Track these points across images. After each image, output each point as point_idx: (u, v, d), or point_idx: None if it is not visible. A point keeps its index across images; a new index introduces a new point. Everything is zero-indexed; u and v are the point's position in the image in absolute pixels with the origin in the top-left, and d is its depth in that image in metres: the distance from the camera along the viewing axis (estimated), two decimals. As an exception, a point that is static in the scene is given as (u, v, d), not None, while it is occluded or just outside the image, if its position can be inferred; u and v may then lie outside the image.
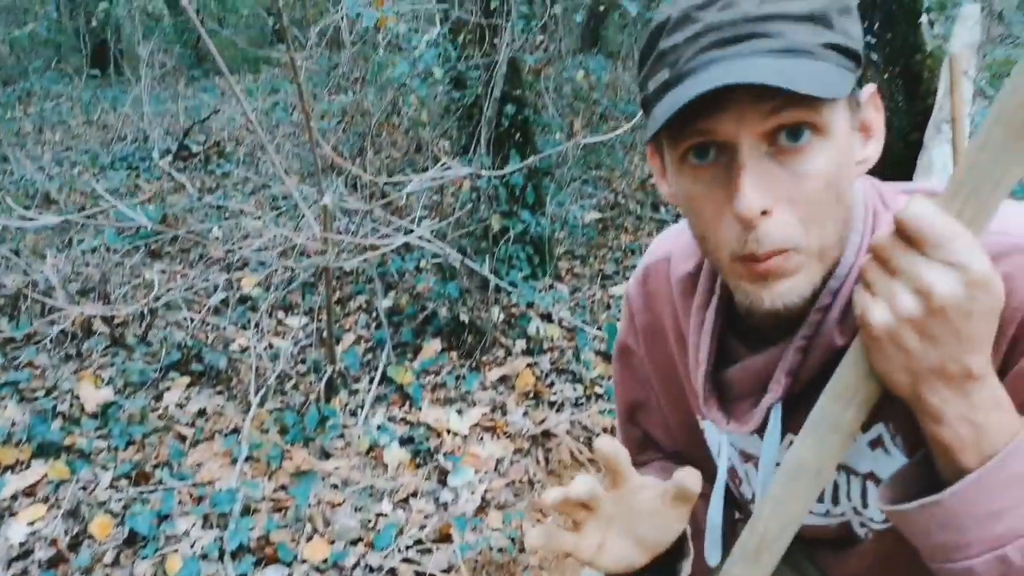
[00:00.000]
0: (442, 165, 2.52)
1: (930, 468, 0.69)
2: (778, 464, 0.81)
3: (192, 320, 3.25)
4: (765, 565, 0.74)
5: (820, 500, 0.86)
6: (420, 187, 2.50)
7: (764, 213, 0.66)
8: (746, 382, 0.82)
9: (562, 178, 4.65)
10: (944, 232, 0.59)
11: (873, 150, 0.75)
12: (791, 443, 0.76)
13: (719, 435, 0.94)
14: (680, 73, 0.68)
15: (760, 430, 0.82)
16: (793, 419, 0.78)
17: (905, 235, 0.60)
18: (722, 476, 0.92)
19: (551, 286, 3.83)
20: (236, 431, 2.71)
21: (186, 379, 3.04)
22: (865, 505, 0.83)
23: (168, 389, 2.99)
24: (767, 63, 0.64)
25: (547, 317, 3.52)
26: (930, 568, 0.68)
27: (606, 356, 3.21)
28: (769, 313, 0.71)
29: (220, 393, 2.99)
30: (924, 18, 4.09)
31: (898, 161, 4.00)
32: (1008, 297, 0.63)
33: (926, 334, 0.60)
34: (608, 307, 3.74)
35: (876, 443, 0.78)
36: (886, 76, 4.06)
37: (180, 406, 2.90)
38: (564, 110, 4.92)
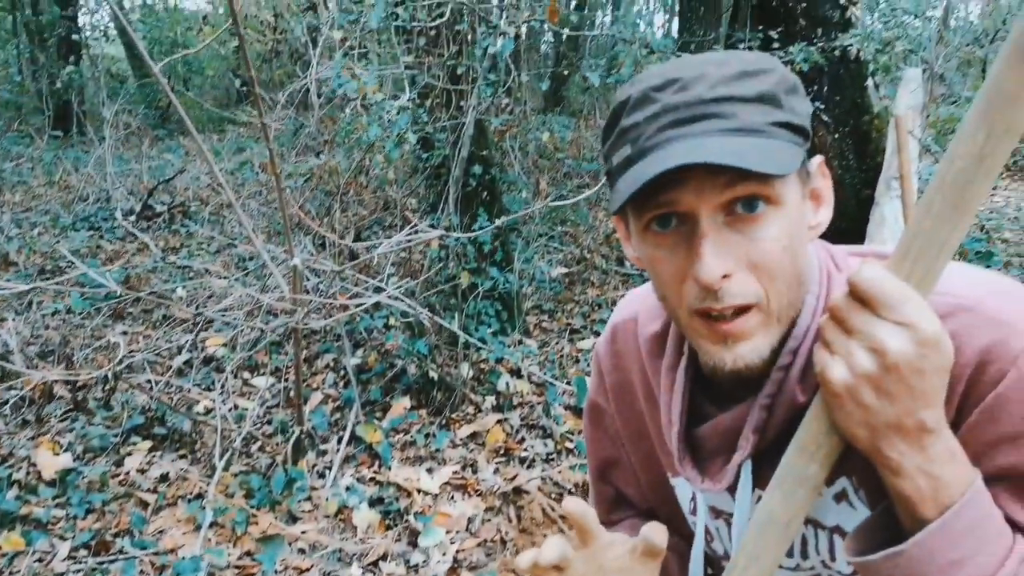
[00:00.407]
0: (412, 227, 2.55)
1: (893, 519, 0.72)
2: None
3: (155, 382, 3.19)
4: (741, 619, 0.75)
5: (790, 555, 0.88)
6: (390, 249, 2.53)
7: (725, 277, 0.70)
8: (717, 440, 0.85)
9: (529, 234, 4.71)
10: (894, 294, 0.63)
11: (824, 216, 0.80)
12: (759, 498, 0.78)
13: (690, 492, 0.96)
14: (641, 150, 0.73)
15: (731, 487, 0.84)
16: (762, 475, 0.81)
17: (859, 297, 0.64)
18: (700, 534, 0.93)
19: (520, 341, 3.85)
20: (200, 496, 2.65)
21: (148, 443, 2.97)
22: (833, 558, 0.85)
23: (130, 454, 2.91)
24: (721, 142, 0.69)
25: (516, 372, 3.52)
26: None
27: (576, 410, 3.22)
28: (733, 373, 0.74)
29: (184, 457, 2.93)
30: (870, 81, 4.30)
31: (852, 216, 4.15)
32: (957, 354, 0.67)
33: (882, 390, 0.63)
34: (577, 361, 3.77)
35: (841, 496, 0.81)
36: (837, 136, 4.24)
37: (142, 471, 2.83)
38: (530, 169, 5.02)
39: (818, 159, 0.79)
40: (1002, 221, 5.94)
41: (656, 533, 0.76)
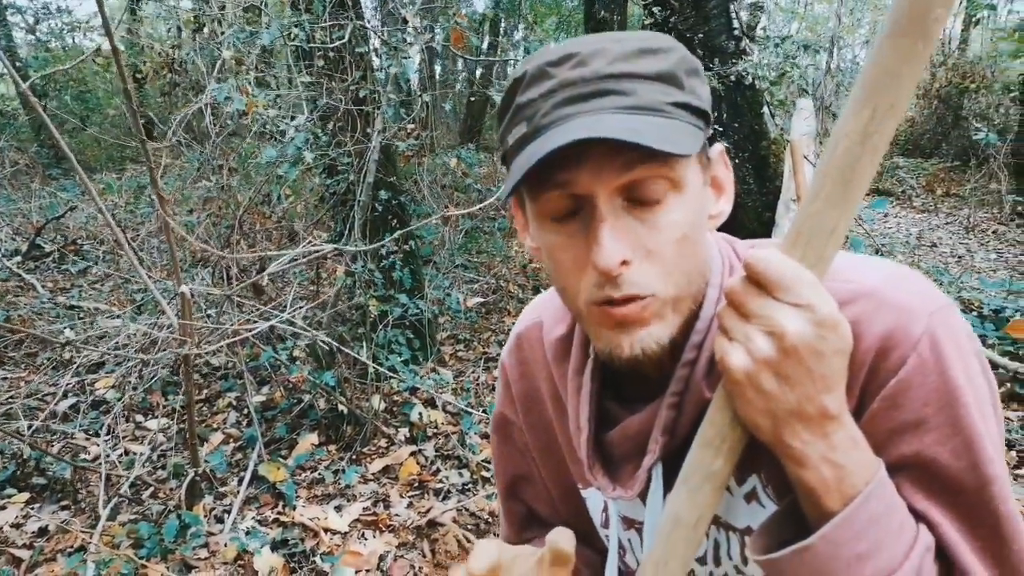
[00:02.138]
0: (306, 243, 2.45)
1: (798, 515, 0.68)
2: None
3: (32, 427, 2.93)
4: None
5: (703, 561, 0.84)
6: (282, 267, 2.41)
7: (623, 263, 0.66)
8: (626, 444, 0.79)
9: (442, 262, 4.65)
10: (788, 274, 0.60)
11: (724, 206, 0.77)
12: None
13: (602, 503, 0.90)
14: (537, 127, 0.68)
15: (643, 493, 0.79)
16: (673, 478, 0.76)
17: (754, 279, 0.61)
18: (614, 546, 0.88)
19: (434, 370, 3.76)
20: (82, 549, 2.42)
21: (25, 495, 2.72)
22: (746, 563, 0.80)
23: (3, 508, 2.65)
24: (619, 119, 0.65)
25: (431, 403, 3.43)
26: None
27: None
28: (630, 360, 0.70)
29: (65, 508, 2.69)
30: (766, 109, 4.48)
31: (753, 237, 4.28)
32: (857, 341, 0.65)
33: (782, 375, 0.60)
34: (492, 388, 3.70)
35: (751, 496, 0.77)
36: (737, 161, 4.38)
37: (16, 526, 2.57)
38: (440, 197, 4.98)
39: (719, 147, 0.77)
40: (895, 244, 6.28)
41: (563, 538, 0.70)
